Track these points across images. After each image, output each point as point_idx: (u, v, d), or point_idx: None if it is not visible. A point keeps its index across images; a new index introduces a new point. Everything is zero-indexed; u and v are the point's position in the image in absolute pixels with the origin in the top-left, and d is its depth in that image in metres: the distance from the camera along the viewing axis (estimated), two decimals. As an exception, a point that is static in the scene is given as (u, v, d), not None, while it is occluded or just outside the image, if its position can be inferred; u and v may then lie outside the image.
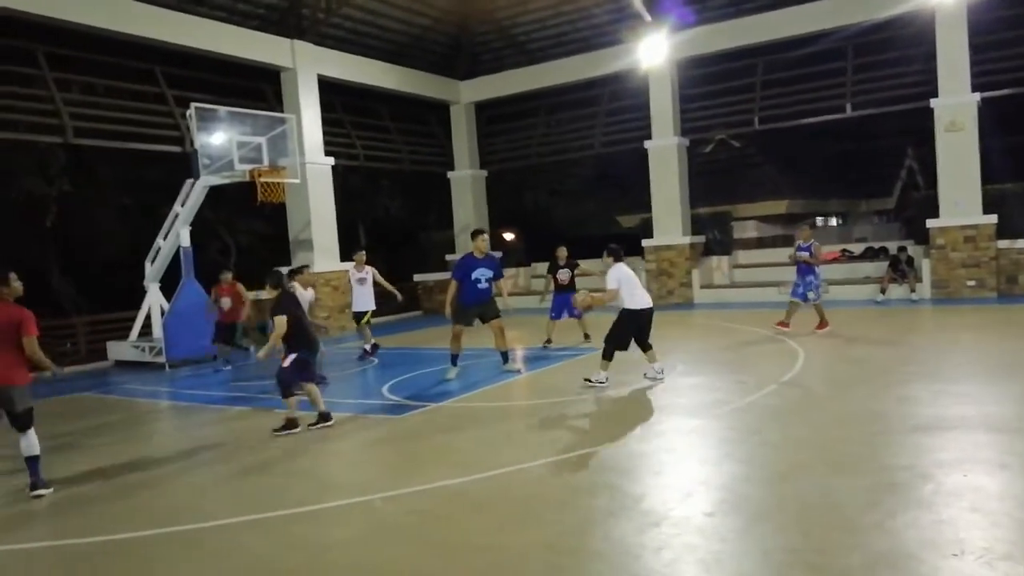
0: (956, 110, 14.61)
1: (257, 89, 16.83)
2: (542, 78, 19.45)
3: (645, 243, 18.28)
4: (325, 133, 16.79)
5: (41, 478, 5.71)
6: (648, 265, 18.22)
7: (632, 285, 8.14)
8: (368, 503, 5.01)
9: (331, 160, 16.81)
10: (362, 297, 11.76)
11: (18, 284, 5.71)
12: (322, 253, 16.19)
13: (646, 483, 5.12)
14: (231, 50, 14.78)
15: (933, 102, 14.87)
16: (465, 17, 18.83)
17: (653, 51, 14.92)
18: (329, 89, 17.14)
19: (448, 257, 20.20)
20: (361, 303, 11.78)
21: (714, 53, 17.33)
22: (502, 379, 9.29)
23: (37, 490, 5.64)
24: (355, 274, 11.84)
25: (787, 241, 12.06)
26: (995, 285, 14.50)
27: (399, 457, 6.30)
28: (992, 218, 14.46)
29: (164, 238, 13.39)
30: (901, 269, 15.38)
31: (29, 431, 5.66)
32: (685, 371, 8.94)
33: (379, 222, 27.03)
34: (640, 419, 6.82)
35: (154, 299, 13.47)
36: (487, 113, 21.59)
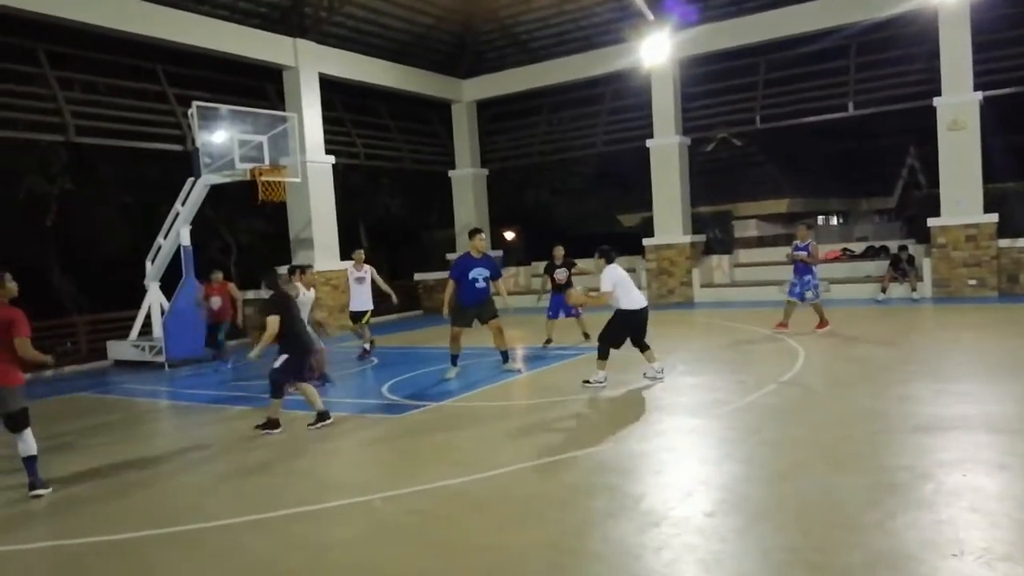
0: (958, 109, 14.59)
1: (258, 88, 16.83)
2: (544, 76, 19.44)
3: (646, 242, 18.28)
4: (326, 132, 16.79)
5: (39, 478, 5.71)
6: (649, 264, 18.23)
7: (627, 286, 8.16)
8: (368, 503, 5.01)
9: (332, 159, 16.82)
10: (360, 296, 11.74)
11: (13, 285, 5.70)
12: (323, 252, 16.19)
13: (646, 483, 5.12)
14: (233, 48, 14.78)
15: (935, 101, 14.85)
16: (468, 15, 18.83)
17: (655, 50, 14.91)
18: (330, 87, 17.14)
19: (449, 256, 20.15)
20: (359, 302, 11.75)
21: (716, 52, 17.32)
22: (502, 379, 9.29)
23: (36, 490, 5.64)
24: (354, 273, 11.82)
25: (788, 240, 12.03)
26: (996, 284, 14.49)
27: (399, 457, 6.30)
28: (993, 217, 14.45)
29: (165, 237, 13.39)
30: (902, 268, 15.37)
31: (25, 431, 5.65)
32: (685, 370, 8.94)
33: (380, 221, 27.03)
34: (640, 419, 6.82)
35: (154, 298, 13.48)
36: (489, 111, 21.58)
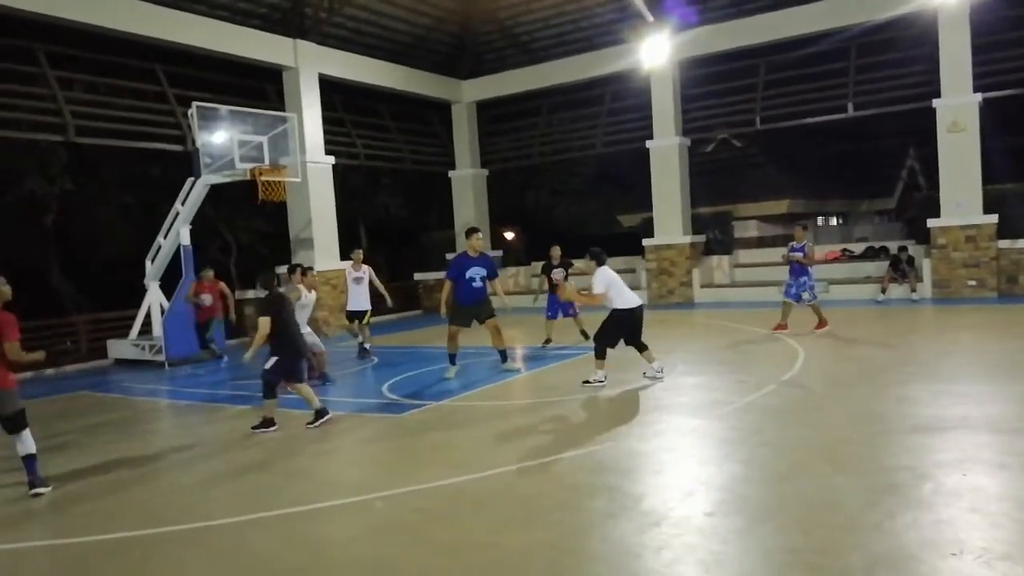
0: (958, 110, 14.60)
1: (258, 88, 16.83)
2: (544, 77, 19.44)
3: (646, 242, 18.29)
4: (326, 132, 16.79)
5: (39, 476, 5.71)
6: (649, 264, 18.24)
7: (618, 287, 8.20)
8: (368, 502, 5.01)
9: (332, 159, 16.82)
10: (358, 297, 11.73)
11: (7, 288, 5.71)
12: (322, 252, 16.20)
13: (646, 483, 5.13)
14: (233, 49, 14.78)
15: (935, 102, 14.86)
16: (468, 16, 18.84)
17: (655, 51, 14.91)
18: (330, 88, 17.15)
19: (449, 256, 20.19)
20: (357, 302, 11.75)
21: (716, 53, 17.33)
22: (502, 378, 9.30)
23: (35, 488, 5.64)
24: (352, 273, 11.82)
25: (788, 240, 12.00)
26: (996, 285, 14.50)
27: (399, 456, 6.30)
28: (993, 218, 14.46)
29: (165, 236, 13.39)
30: (902, 269, 15.38)
31: (22, 432, 5.65)
32: (685, 371, 8.94)
33: (380, 221, 27.06)
34: (640, 418, 6.83)
35: (154, 298, 13.48)
36: (489, 112, 21.58)
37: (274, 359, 7.20)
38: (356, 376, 10.59)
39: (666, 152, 17.90)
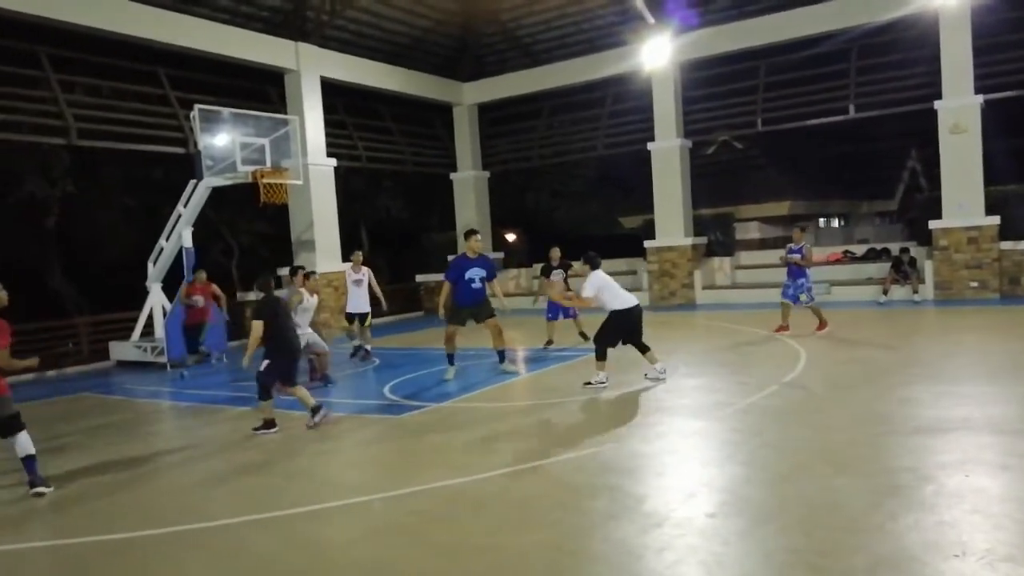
0: (959, 112, 14.58)
1: (260, 91, 16.85)
2: (545, 80, 19.45)
3: (647, 244, 18.28)
4: (328, 134, 16.81)
5: (39, 476, 5.71)
6: (650, 266, 18.23)
7: (613, 289, 8.21)
8: (368, 503, 5.01)
9: (333, 161, 16.84)
10: (358, 298, 11.72)
11: (3, 294, 5.70)
12: (324, 254, 16.21)
13: (648, 484, 5.12)
14: (235, 52, 14.79)
15: (936, 104, 14.85)
16: (469, 19, 18.85)
17: (656, 53, 14.94)
18: (332, 90, 17.16)
19: (450, 258, 20.16)
20: (356, 304, 11.74)
21: (717, 55, 17.32)
22: (502, 380, 9.29)
23: (36, 488, 5.65)
24: (352, 275, 11.81)
25: (789, 242, 11.99)
26: (998, 286, 14.47)
27: (400, 457, 6.30)
28: (995, 219, 14.43)
29: (167, 239, 13.41)
30: (904, 270, 15.36)
31: (18, 435, 5.64)
32: (687, 372, 8.93)
33: (381, 223, 27.10)
34: (641, 420, 6.81)
35: (156, 300, 13.48)
36: (490, 114, 21.59)
37: (267, 362, 7.24)
38: (357, 377, 10.59)
39: (667, 154, 17.90)
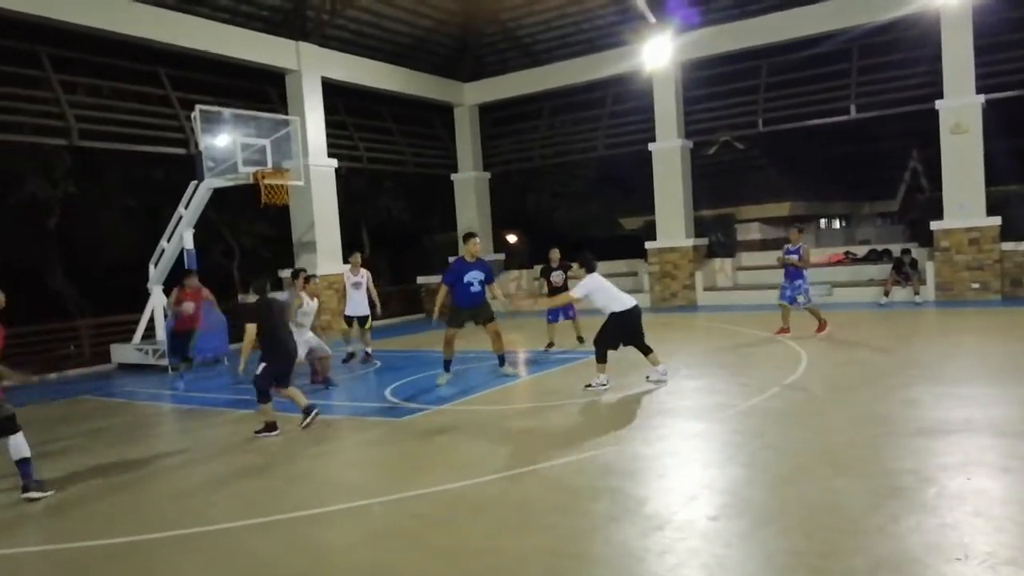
0: (961, 112, 14.57)
1: (261, 91, 16.85)
2: (546, 80, 19.44)
3: (648, 245, 18.27)
4: (328, 135, 16.81)
5: (34, 480, 5.66)
6: (651, 267, 18.22)
7: (609, 291, 8.22)
8: (368, 506, 5.01)
9: (334, 162, 16.85)
10: (357, 301, 11.69)
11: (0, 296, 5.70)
12: (325, 255, 16.20)
13: (649, 486, 5.11)
14: (235, 52, 14.79)
15: (938, 104, 14.83)
16: (470, 19, 18.85)
17: (657, 53, 14.93)
18: (332, 91, 17.16)
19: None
20: (355, 307, 11.70)
21: (718, 55, 17.31)
22: (503, 382, 9.28)
23: (29, 492, 5.59)
24: (350, 278, 11.78)
25: (787, 243, 12.02)
26: (999, 287, 14.45)
27: (401, 460, 6.29)
28: (996, 220, 14.41)
29: (168, 240, 13.41)
30: (905, 271, 15.33)
31: (13, 436, 5.58)
32: (688, 374, 8.92)
33: (382, 224, 27.12)
34: (642, 422, 6.81)
35: (157, 301, 13.48)
36: (491, 115, 21.59)
37: (263, 364, 7.25)
38: (359, 380, 10.59)
39: (668, 154, 17.88)
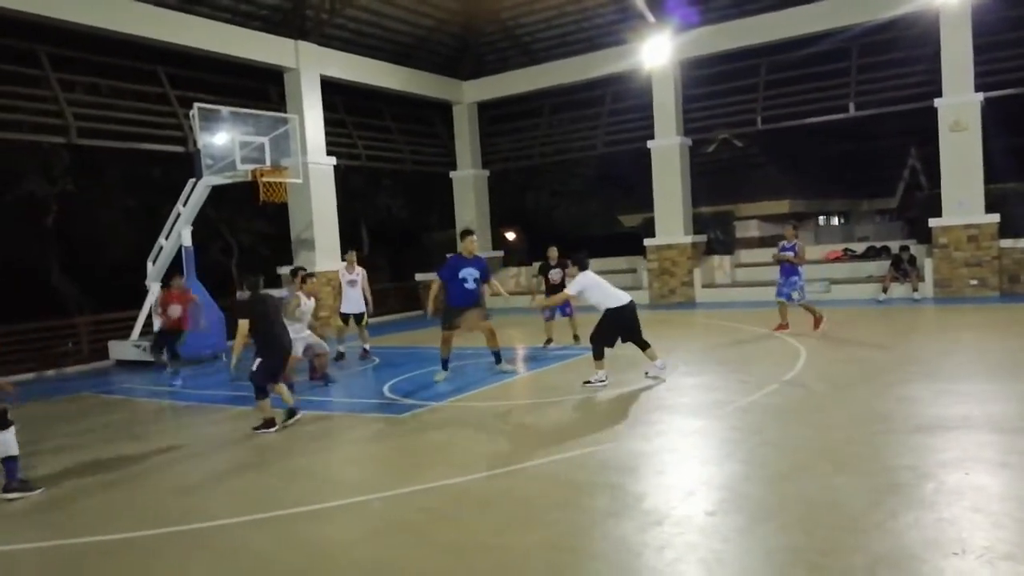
0: (960, 110, 14.58)
1: (260, 89, 16.84)
2: (545, 78, 19.43)
3: (647, 242, 18.28)
4: (327, 133, 16.80)
5: (17, 479, 5.59)
6: (650, 264, 18.23)
7: (604, 288, 8.25)
8: (369, 502, 5.01)
9: (333, 160, 16.83)
10: (352, 299, 11.70)
11: None
12: (324, 253, 16.20)
13: (648, 482, 5.12)
14: (234, 51, 14.78)
15: (937, 102, 14.84)
16: (469, 17, 18.84)
17: (656, 51, 14.94)
18: (331, 89, 17.16)
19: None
20: (350, 305, 11.71)
21: (717, 53, 17.31)
22: (502, 379, 9.28)
23: (9, 492, 5.51)
24: (345, 275, 11.79)
25: (782, 240, 12.06)
26: (998, 284, 14.48)
27: (402, 456, 6.30)
28: (995, 217, 14.44)
29: (166, 238, 13.41)
30: (903, 268, 15.36)
31: (3, 432, 5.53)
32: (687, 370, 8.93)
33: (381, 222, 27.09)
34: (641, 418, 6.82)
35: (155, 299, 13.47)
36: (490, 113, 21.58)
37: (259, 360, 7.27)
38: (357, 377, 10.59)
39: (667, 152, 17.89)
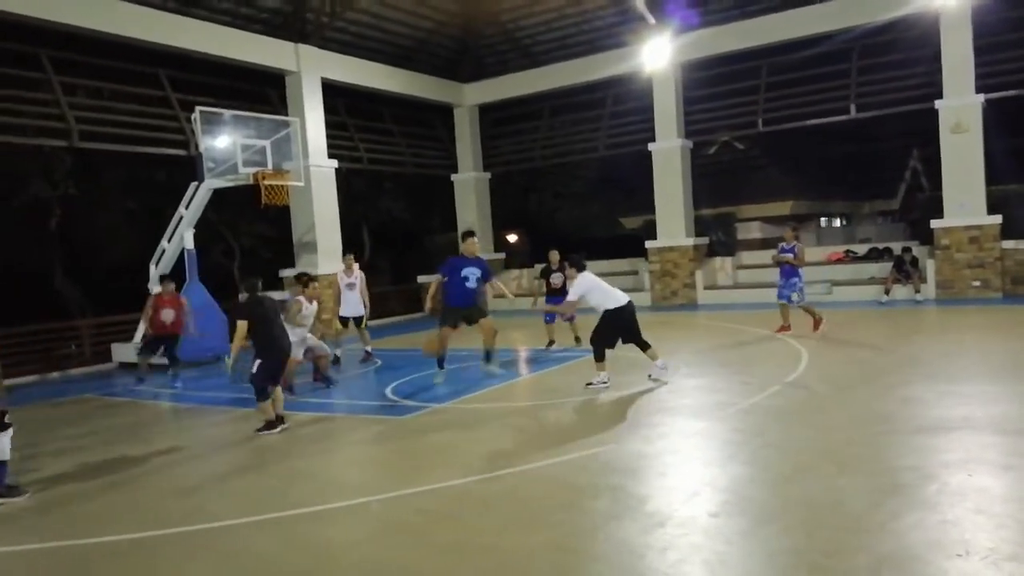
0: (960, 111, 14.58)
1: (261, 93, 16.86)
2: (546, 81, 19.45)
3: (649, 244, 18.29)
4: (329, 136, 16.83)
5: (4, 484, 5.54)
6: (652, 266, 18.24)
7: (603, 289, 8.23)
8: (371, 504, 5.01)
9: (335, 163, 16.86)
10: (351, 302, 11.69)
11: None
12: (326, 256, 16.20)
13: (650, 484, 5.12)
14: (235, 54, 14.81)
15: (938, 103, 14.85)
16: (470, 20, 18.86)
17: (657, 53, 14.93)
18: (333, 92, 17.18)
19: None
20: (349, 308, 11.69)
21: (718, 55, 17.31)
22: (503, 380, 9.25)
23: None
24: (344, 279, 11.76)
25: (781, 241, 12.07)
26: (1000, 286, 14.47)
27: (404, 457, 6.31)
28: (996, 218, 14.43)
29: (168, 240, 13.42)
30: (905, 270, 15.35)
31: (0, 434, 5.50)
32: (689, 372, 8.93)
33: (383, 225, 27.10)
34: (643, 420, 6.82)
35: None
36: (491, 115, 21.60)
37: (258, 362, 7.27)
38: (359, 378, 10.60)
39: (668, 154, 17.90)
